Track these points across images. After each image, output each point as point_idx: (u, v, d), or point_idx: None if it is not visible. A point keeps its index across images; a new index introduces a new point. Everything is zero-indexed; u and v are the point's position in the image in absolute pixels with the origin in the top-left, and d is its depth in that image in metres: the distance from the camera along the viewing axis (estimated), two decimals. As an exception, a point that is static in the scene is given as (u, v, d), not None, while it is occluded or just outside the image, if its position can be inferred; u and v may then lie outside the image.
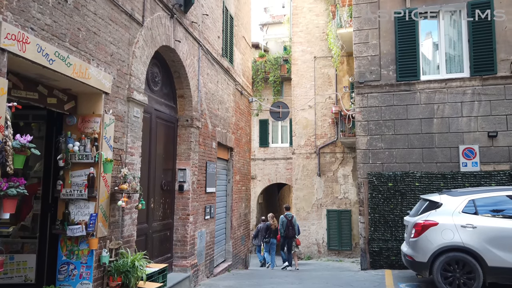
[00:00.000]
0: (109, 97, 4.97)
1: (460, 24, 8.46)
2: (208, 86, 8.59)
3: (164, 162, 7.06)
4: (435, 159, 8.16)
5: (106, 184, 4.80)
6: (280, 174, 18.16)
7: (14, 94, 3.88)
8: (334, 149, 15.09)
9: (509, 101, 7.88)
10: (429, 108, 8.30)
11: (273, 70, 18.09)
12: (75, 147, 4.58)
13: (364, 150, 8.59)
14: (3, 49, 3.35)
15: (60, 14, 4.11)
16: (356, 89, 8.84)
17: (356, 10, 8.95)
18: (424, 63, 8.76)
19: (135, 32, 5.63)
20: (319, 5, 15.73)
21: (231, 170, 10.70)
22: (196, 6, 7.87)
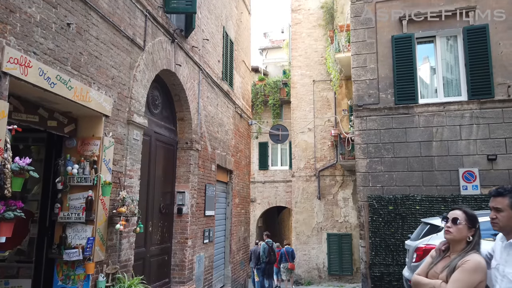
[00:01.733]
0: (109, 119, 4.99)
1: (457, 48, 8.59)
2: (208, 109, 8.65)
3: (163, 184, 7.03)
4: (435, 182, 8.13)
5: (104, 207, 4.76)
6: (280, 197, 18.05)
7: (15, 117, 3.90)
8: (333, 172, 15.05)
9: (507, 124, 7.92)
10: (428, 131, 8.33)
11: (272, 93, 18.25)
12: (74, 170, 4.57)
13: (364, 173, 8.57)
14: (5, 73, 3.40)
15: (62, 38, 4.18)
16: (355, 112, 8.89)
17: (354, 35, 9.10)
18: (422, 87, 8.84)
19: (136, 56, 5.72)
20: (317, 30, 16.02)
21: (230, 193, 10.64)
22: (197, 31, 8.02)
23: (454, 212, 2.59)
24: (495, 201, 2.47)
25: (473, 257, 2.37)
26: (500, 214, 2.42)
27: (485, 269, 2.36)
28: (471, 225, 2.50)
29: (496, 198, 2.47)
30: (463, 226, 2.50)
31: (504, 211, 2.41)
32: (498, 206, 2.43)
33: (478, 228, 2.52)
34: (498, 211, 2.43)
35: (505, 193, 2.44)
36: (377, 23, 8.90)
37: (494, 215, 2.45)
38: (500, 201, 2.44)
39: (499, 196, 2.46)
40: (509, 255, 2.40)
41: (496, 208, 2.44)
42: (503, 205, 2.42)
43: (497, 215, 2.43)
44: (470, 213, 2.54)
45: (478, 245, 2.49)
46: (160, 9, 6.48)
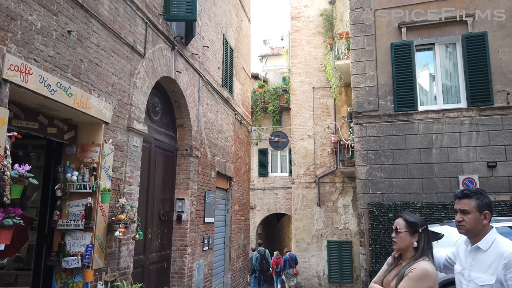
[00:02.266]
0: (109, 126, 4.99)
1: (456, 56, 8.63)
2: (207, 116, 8.66)
3: (163, 191, 7.02)
4: (435, 189, 8.12)
5: (104, 214, 4.75)
6: (279, 204, 18.01)
7: (15, 124, 3.91)
8: (333, 178, 15.03)
9: (506, 131, 7.93)
10: (427, 138, 8.33)
11: (272, 100, 18.29)
12: (73, 177, 4.56)
13: (364, 180, 8.56)
14: (6, 80, 3.40)
15: (63, 46, 4.19)
16: (355, 119, 8.91)
17: (353, 43, 9.14)
18: (422, 94, 8.87)
19: (136, 63, 5.74)
20: (317, 37, 16.10)
21: (230, 200, 10.62)
22: (197, 39, 8.05)
23: (396, 221, 2.56)
24: (461, 203, 2.40)
25: (420, 265, 2.33)
26: (467, 216, 2.37)
27: (433, 276, 2.31)
28: (413, 231, 2.45)
29: (462, 200, 2.41)
30: (404, 234, 2.46)
31: (471, 213, 2.35)
32: (465, 208, 2.37)
33: (423, 233, 2.45)
34: (465, 213, 2.37)
35: (471, 194, 2.38)
36: (376, 30, 8.95)
37: (460, 217, 2.39)
38: (467, 203, 2.37)
39: (465, 198, 2.39)
40: (475, 259, 2.36)
41: (463, 210, 2.38)
42: (470, 207, 2.36)
43: (463, 218, 2.38)
44: (411, 220, 2.48)
45: (429, 250, 2.43)
46: (160, 17, 6.51)
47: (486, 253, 2.31)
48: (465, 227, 2.38)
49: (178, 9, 6.80)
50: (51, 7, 4.03)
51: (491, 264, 2.26)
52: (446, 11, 8.54)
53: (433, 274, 2.32)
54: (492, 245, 2.31)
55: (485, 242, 2.33)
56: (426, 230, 2.46)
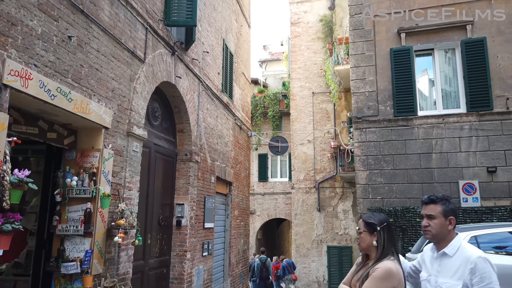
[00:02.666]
0: (109, 131, 4.99)
1: (455, 61, 8.65)
2: (207, 121, 8.66)
3: (162, 196, 7.00)
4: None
5: (103, 220, 4.73)
6: (279, 209, 17.97)
7: (15, 129, 3.91)
8: (333, 183, 15.02)
9: (506, 136, 7.93)
10: (427, 143, 8.33)
11: (272, 105, 18.32)
12: (73, 182, 4.55)
13: (364, 185, 8.55)
14: (6, 85, 3.41)
15: (63, 51, 4.20)
16: (355, 124, 8.91)
17: (353, 48, 9.17)
18: (421, 99, 8.88)
19: (136, 69, 5.75)
20: (316, 43, 16.15)
21: (229, 205, 10.60)
22: (197, 44, 8.08)
23: (359, 222, 2.57)
24: (428, 208, 2.42)
25: (383, 264, 2.32)
26: (432, 221, 2.39)
27: (397, 275, 2.29)
28: (372, 230, 2.45)
29: (428, 205, 2.43)
30: (364, 234, 2.47)
31: (437, 218, 2.37)
32: (431, 213, 2.39)
33: (382, 232, 2.43)
34: (431, 219, 2.39)
35: (437, 200, 2.41)
36: (376, 36, 8.98)
37: (426, 222, 2.41)
38: (433, 208, 2.40)
39: (431, 203, 2.41)
40: (442, 265, 2.37)
41: (429, 215, 2.40)
42: (436, 212, 2.38)
43: (429, 223, 2.40)
44: (369, 220, 2.48)
45: (392, 248, 2.42)
46: (160, 22, 6.53)
47: (452, 259, 2.32)
48: (431, 232, 2.40)
49: (178, 14, 6.83)
50: (52, 13, 4.05)
51: (458, 269, 2.27)
52: (445, 17, 8.58)
53: (397, 273, 2.30)
54: (458, 250, 2.33)
55: (451, 248, 2.35)
56: (386, 228, 2.44)
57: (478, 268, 2.20)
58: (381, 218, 2.48)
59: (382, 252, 2.38)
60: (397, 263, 2.36)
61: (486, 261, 2.23)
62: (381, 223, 2.44)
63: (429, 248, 2.55)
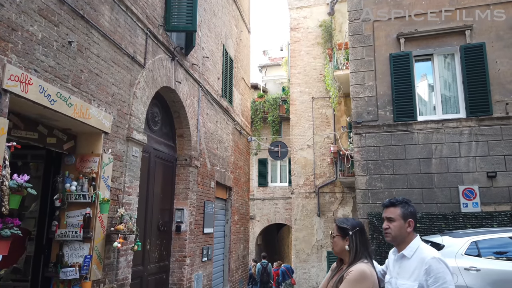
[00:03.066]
0: (108, 136, 4.99)
1: (454, 66, 8.68)
2: (207, 126, 8.67)
3: (162, 202, 6.99)
4: (435, 200, 8.09)
5: (102, 225, 4.72)
6: (279, 214, 17.93)
7: (14, 134, 3.90)
8: (333, 188, 15.00)
9: (506, 141, 7.93)
10: (427, 148, 8.33)
11: (272, 110, 18.34)
12: (72, 187, 4.55)
13: (364, 190, 8.53)
14: (6, 90, 3.41)
15: (64, 56, 4.21)
16: (354, 129, 8.92)
17: (352, 53, 9.20)
18: (421, 104, 8.89)
19: (136, 74, 5.76)
20: (316, 48, 16.20)
21: (229, 210, 10.57)
22: (197, 49, 8.10)
23: (332, 227, 2.62)
24: (388, 211, 2.48)
25: (357, 267, 2.34)
26: (392, 224, 2.44)
27: (371, 278, 2.32)
28: (344, 234, 2.48)
29: (388, 208, 2.49)
30: (337, 238, 2.51)
31: (396, 220, 2.43)
32: (391, 216, 2.45)
33: (354, 236, 2.45)
34: (391, 221, 2.45)
35: (397, 203, 2.46)
36: (375, 41, 9.01)
37: (386, 225, 2.47)
38: (393, 211, 2.46)
39: (391, 206, 2.47)
40: (401, 267, 2.42)
41: (389, 218, 2.46)
42: (395, 214, 2.44)
43: (389, 225, 2.45)
44: (341, 225, 2.52)
45: (366, 252, 2.45)
46: (160, 28, 6.55)
47: (410, 260, 2.38)
48: (391, 234, 2.46)
49: (178, 20, 6.85)
50: (52, 18, 4.06)
51: (414, 270, 2.32)
52: (444, 23, 8.62)
53: (371, 276, 2.32)
54: (415, 252, 2.38)
55: (410, 250, 2.40)
56: (358, 233, 2.48)
57: (433, 268, 2.24)
58: (354, 223, 2.52)
59: (355, 256, 2.41)
60: (370, 266, 2.40)
61: (440, 262, 2.27)
62: (353, 228, 2.48)
63: (392, 250, 2.62)
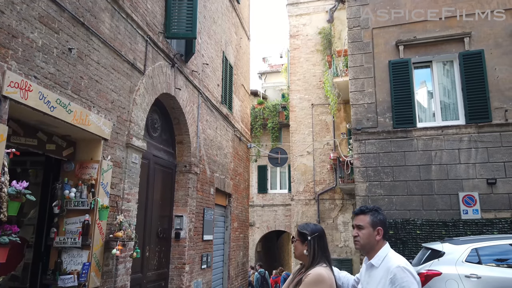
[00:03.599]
0: (108, 143, 4.99)
1: (453, 73, 8.70)
2: (207, 132, 8.67)
3: (161, 208, 6.97)
4: (435, 206, 8.07)
5: (101, 232, 4.70)
6: (279, 221, 17.88)
7: (14, 140, 3.90)
8: (333, 195, 14.96)
9: (506, 148, 7.93)
10: (426, 155, 8.33)
11: (271, 117, 18.36)
12: (71, 194, 4.54)
13: (364, 197, 8.51)
14: (6, 97, 3.41)
15: (63, 63, 4.22)
16: (354, 135, 8.92)
17: (352, 60, 9.23)
18: (420, 111, 8.90)
19: (136, 80, 5.77)
20: (315, 55, 16.26)
21: (229, 217, 10.54)
22: (197, 56, 8.13)
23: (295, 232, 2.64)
24: (357, 219, 2.46)
25: (314, 270, 2.35)
26: (361, 231, 2.42)
27: (329, 281, 2.31)
28: (303, 239, 2.50)
29: (358, 216, 2.47)
30: (296, 243, 2.53)
31: (365, 228, 2.40)
32: (360, 223, 2.43)
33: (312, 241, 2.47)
34: (360, 229, 2.43)
35: (367, 211, 2.45)
36: (374, 48, 9.05)
37: (355, 233, 2.45)
38: (362, 219, 2.44)
39: (361, 214, 2.46)
40: (370, 276, 2.39)
41: (358, 226, 2.44)
42: (364, 222, 2.41)
43: (358, 233, 2.43)
44: (301, 230, 2.54)
45: (324, 257, 2.45)
46: (160, 35, 6.58)
47: (378, 269, 2.35)
48: (360, 242, 2.44)
49: (178, 27, 6.88)
50: (53, 25, 4.08)
51: (381, 279, 2.30)
52: (442, 30, 8.66)
53: (328, 279, 2.33)
54: (383, 260, 2.36)
55: (378, 259, 2.39)
56: (317, 238, 2.50)
57: (397, 277, 2.22)
58: (313, 229, 2.55)
59: (313, 260, 2.43)
60: (329, 270, 2.40)
61: (405, 271, 2.24)
62: (312, 233, 2.50)
63: (365, 259, 2.60)
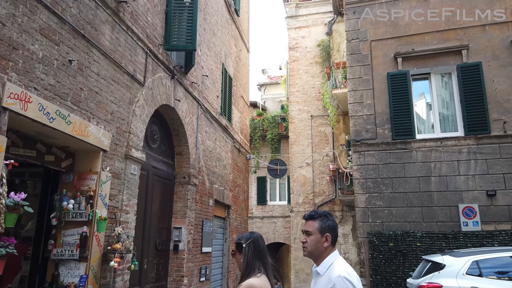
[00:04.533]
0: (107, 154, 4.98)
1: (452, 85, 8.75)
2: (206, 144, 8.67)
3: (160, 220, 6.93)
4: (435, 218, 8.04)
5: (99, 244, 4.66)
6: (278, 233, 17.77)
7: (13, 151, 3.90)
8: (333, 207, 14.90)
9: (505, 160, 7.94)
10: (426, 167, 8.32)
11: (270, 128, 18.38)
12: (69, 205, 4.51)
13: (363, 209, 8.48)
14: (5, 108, 3.42)
15: (64, 75, 4.24)
16: (353, 147, 8.92)
17: (350, 72, 9.28)
18: (419, 122, 8.92)
19: (136, 92, 5.79)
20: (314, 67, 16.35)
21: (228, 229, 10.47)
22: (196, 68, 8.17)
23: None
24: (306, 224, 2.40)
25: (246, 283, 2.27)
26: (309, 237, 2.35)
27: None
28: (240, 249, 2.43)
29: (308, 221, 2.41)
30: (236, 255, 2.46)
31: (313, 234, 2.34)
32: (308, 229, 2.37)
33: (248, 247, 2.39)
34: (308, 235, 2.37)
35: (316, 216, 2.38)
36: (373, 60, 9.11)
37: (304, 238, 2.39)
38: (311, 224, 2.37)
39: (310, 220, 2.40)
40: (316, 284, 2.34)
41: (306, 232, 2.38)
42: (313, 228, 2.35)
43: (306, 239, 2.37)
44: (237, 240, 2.47)
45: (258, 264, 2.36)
46: (160, 47, 6.63)
47: (323, 277, 2.29)
48: (307, 249, 2.37)
49: (178, 39, 6.93)
50: (53, 37, 4.11)
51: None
52: (440, 42, 8.73)
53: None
54: (328, 269, 2.28)
55: (323, 266, 2.32)
56: (251, 244, 2.41)
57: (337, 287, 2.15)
58: (247, 236, 2.48)
59: (246, 269, 2.35)
60: (264, 278, 2.31)
61: (345, 280, 2.16)
62: (246, 240, 2.44)
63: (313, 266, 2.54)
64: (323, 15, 16.56)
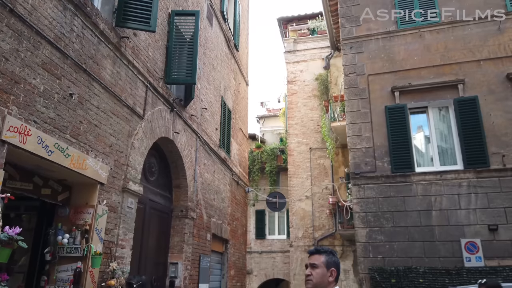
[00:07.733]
0: (104, 187, 4.93)
1: (449, 119, 8.81)
2: (204, 176, 8.61)
3: (156, 255, 6.77)
4: (437, 254, 7.88)
5: (93, 280, 4.53)
6: (277, 268, 17.35)
7: (9, 185, 3.86)
8: (333, 241, 14.63)
9: (505, 193, 7.87)
10: (426, 200, 8.24)
11: (269, 161, 18.34)
12: (64, 240, 4.42)
13: (364, 243, 8.32)
14: (4, 141, 3.41)
15: (64, 108, 4.26)
16: (352, 180, 8.87)
17: (348, 105, 9.37)
18: (418, 155, 8.92)
19: (135, 125, 5.81)
20: (312, 100, 16.54)
21: (225, 264, 10.23)
22: (196, 101, 8.25)
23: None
24: (312, 258, 2.49)
25: None
26: (315, 270, 2.43)
27: None
28: None
29: (313, 255, 2.51)
30: None
31: (319, 267, 2.42)
32: (315, 262, 2.45)
33: None
34: (314, 268, 2.44)
35: (322, 251, 2.50)
36: (370, 94, 9.22)
37: (309, 271, 2.46)
38: (317, 258, 2.47)
39: (316, 254, 2.50)
40: None
41: (312, 265, 2.46)
42: (319, 261, 2.44)
43: (312, 272, 2.44)
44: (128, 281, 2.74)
45: None
46: (161, 80, 6.71)
47: None
48: (312, 281, 2.44)
49: (178, 73, 7.03)
50: (55, 71, 4.16)
51: None
52: (436, 77, 8.87)
53: None
54: None
55: None
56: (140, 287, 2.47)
57: None
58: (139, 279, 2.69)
59: None
60: None
61: None
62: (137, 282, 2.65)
63: None
64: (321, 50, 16.92)
